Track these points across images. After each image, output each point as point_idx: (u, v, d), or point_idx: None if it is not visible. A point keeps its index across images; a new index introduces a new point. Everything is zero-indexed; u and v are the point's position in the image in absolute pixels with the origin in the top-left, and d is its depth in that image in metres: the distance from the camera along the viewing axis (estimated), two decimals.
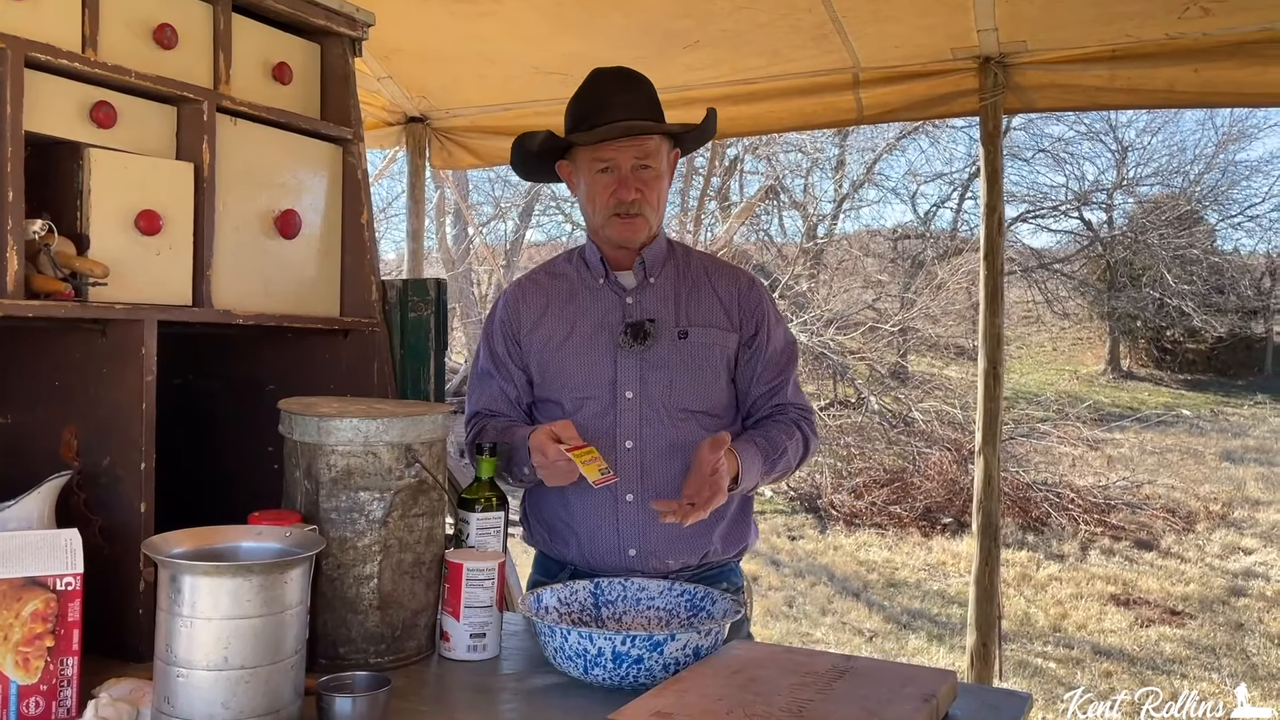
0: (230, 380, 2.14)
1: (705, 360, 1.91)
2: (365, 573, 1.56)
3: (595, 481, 1.70)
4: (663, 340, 1.89)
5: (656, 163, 1.89)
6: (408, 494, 1.59)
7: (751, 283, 2.00)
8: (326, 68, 2.06)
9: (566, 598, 1.70)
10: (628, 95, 1.89)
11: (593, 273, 1.97)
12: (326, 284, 2.02)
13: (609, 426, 1.88)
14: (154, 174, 1.67)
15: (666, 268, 1.97)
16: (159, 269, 1.67)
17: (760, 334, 1.96)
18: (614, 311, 1.93)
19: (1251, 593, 6.66)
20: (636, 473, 1.87)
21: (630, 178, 1.86)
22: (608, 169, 1.87)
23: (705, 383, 1.91)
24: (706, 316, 1.93)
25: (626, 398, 1.88)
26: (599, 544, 1.89)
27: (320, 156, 2.00)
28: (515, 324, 1.98)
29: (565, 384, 1.92)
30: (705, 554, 1.92)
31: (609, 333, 1.91)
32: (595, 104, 1.89)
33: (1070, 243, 16.77)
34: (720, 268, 2.03)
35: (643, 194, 1.87)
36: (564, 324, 1.94)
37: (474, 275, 13.70)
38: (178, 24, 1.75)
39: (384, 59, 3.61)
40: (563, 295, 1.97)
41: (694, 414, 1.90)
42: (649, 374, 1.88)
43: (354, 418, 1.54)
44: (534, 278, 2.06)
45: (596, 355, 1.91)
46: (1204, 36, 2.88)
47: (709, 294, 1.96)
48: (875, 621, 6.19)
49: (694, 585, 1.73)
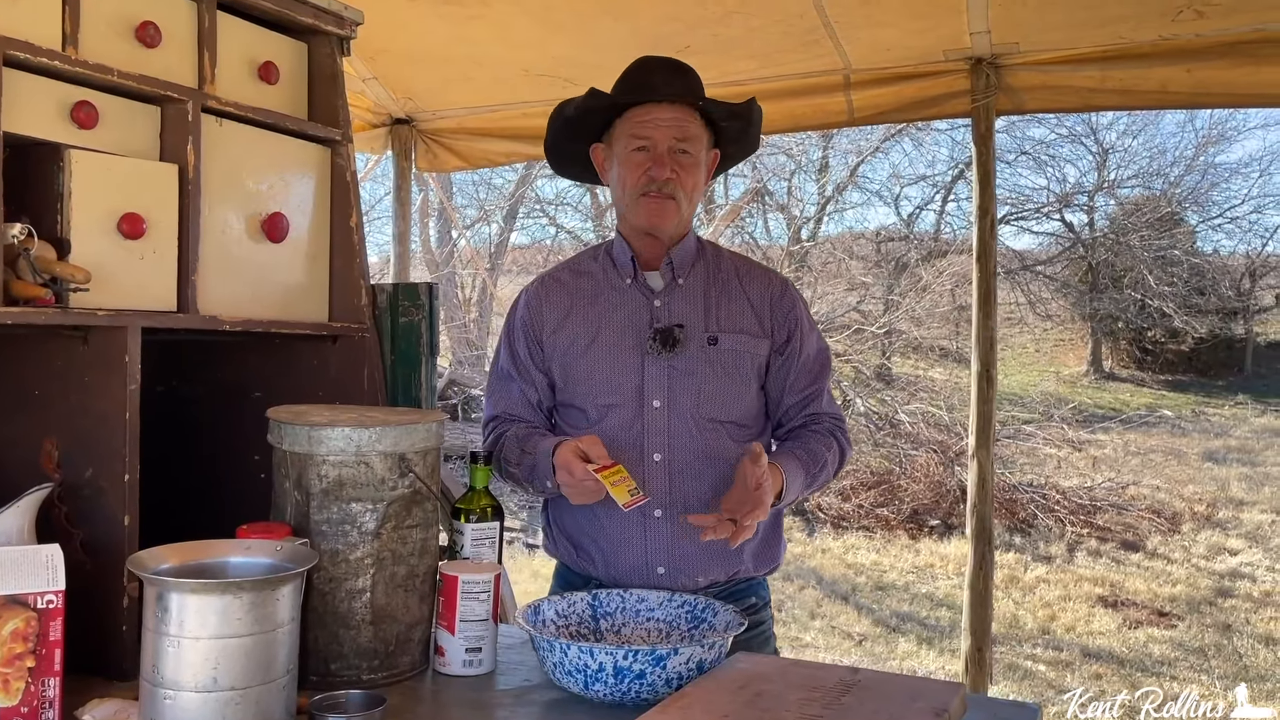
0: (216, 387, 2.09)
1: (736, 368, 1.83)
2: (358, 586, 1.51)
3: (625, 504, 1.63)
4: (691, 346, 1.81)
5: (696, 150, 1.81)
6: (401, 505, 1.54)
7: (785, 286, 1.92)
8: (314, 67, 2.01)
9: (564, 610, 1.66)
10: (673, 77, 1.82)
11: (620, 272, 1.87)
12: (315, 288, 1.97)
13: (635, 437, 1.80)
14: (137, 176, 1.62)
15: (696, 268, 1.88)
16: (142, 274, 1.62)
17: (794, 341, 1.87)
18: (641, 315, 1.84)
19: (1238, 593, 6.68)
20: (665, 487, 1.79)
21: (666, 157, 1.77)
22: (644, 147, 1.78)
23: (735, 392, 1.83)
24: (737, 322, 1.84)
25: (654, 407, 1.80)
26: (626, 561, 1.81)
27: (308, 158, 1.96)
28: (538, 325, 1.89)
29: (590, 391, 1.83)
30: (736, 571, 1.85)
31: (635, 337, 1.83)
32: (642, 81, 1.81)
33: (1052, 244, 16.86)
34: (752, 269, 1.94)
35: (678, 175, 1.78)
36: (589, 327, 1.85)
37: (458, 278, 13.64)
38: (161, 22, 1.70)
39: (370, 60, 3.56)
40: (587, 295, 1.88)
41: (723, 424, 1.82)
42: (677, 382, 1.80)
43: (346, 426, 1.50)
44: (558, 275, 1.95)
45: (623, 361, 1.82)
46: (1197, 37, 2.86)
47: (740, 298, 1.87)
48: (865, 625, 6.17)
49: (694, 596, 1.69)
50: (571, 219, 15.26)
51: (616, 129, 1.84)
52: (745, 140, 1.93)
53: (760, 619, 1.89)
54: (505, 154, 4.05)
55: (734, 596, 1.85)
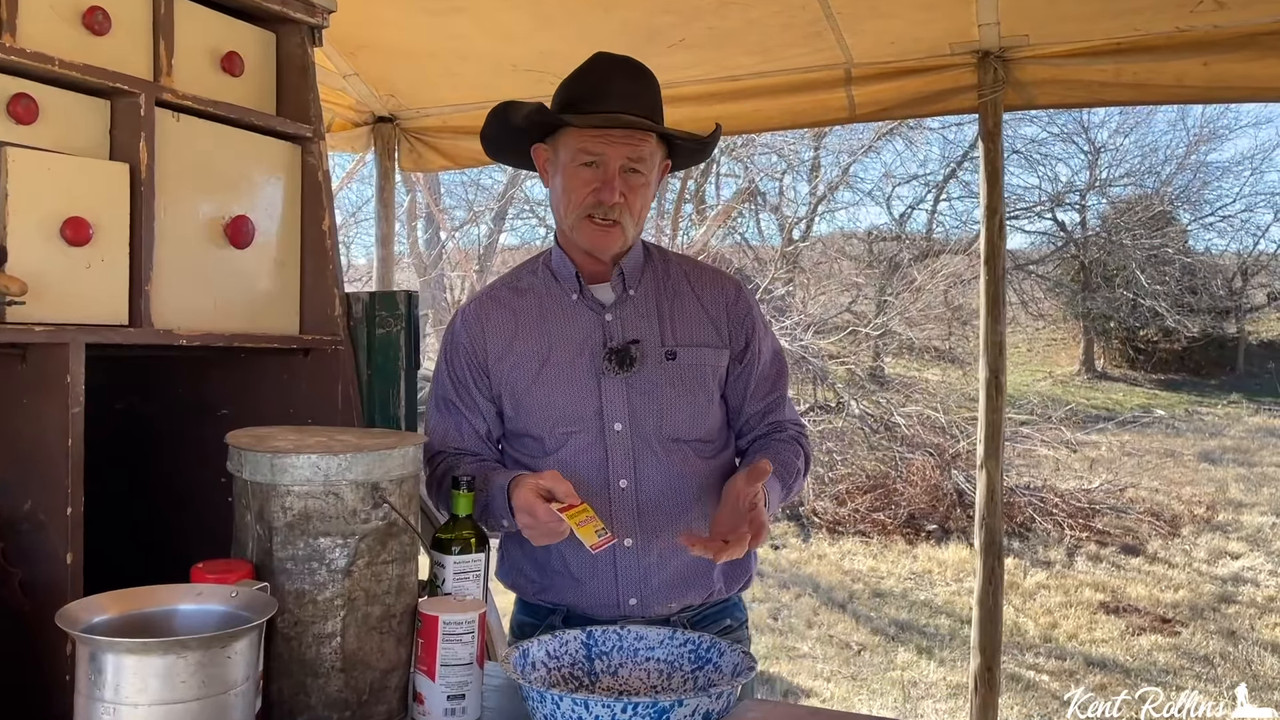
0: (179, 404, 1.94)
1: (697, 382, 1.72)
2: (326, 630, 1.36)
3: (593, 546, 1.49)
4: (649, 363, 1.70)
5: (647, 169, 1.68)
6: (375, 539, 1.39)
7: (739, 290, 1.81)
8: (283, 59, 1.87)
9: (556, 650, 1.52)
10: (632, 86, 1.67)
11: (564, 287, 1.75)
12: (284, 298, 1.82)
13: (598, 464, 1.68)
14: (83, 176, 1.47)
15: (645, 276, 1.77)
16: (89, 284, 1.47)
17: (751, 346, 1.78)
18: (593, 332, 1.72)
19: (1242, 599, 6.57)
20: (633, 515, 1.68)
21: (616, 179, 1.64)
22: (594, 163, 1.65)
23: (699, 408, 1.72)
24: (695, 333, 1.74)
25: (615, 430, 1.68)
26: (596, 594, 1.70)
27: (276, 156, 1.81)
28: (480, 350, 1.75)
29: (545, 418, 1.71)
30: (710, 594, 1.75)
31: (589, 356, 1.70)
32: (593, 88, 1.66)
33: (1044, 244, 16.78)
34: (703, 273, 1.83)
35: (626, 200, 1.65)
36: (538, 349, 1.72)
37: (446, 281, 13.48)
38: (110, 7, 1.55)
39: (350, 55, 3.41)
40: (532, 315, 1.75)
41: (688, 443, 1.72)
42: (637, 402, 1.69)
43: (312, 453, 1.35)
44: (496, 295, 1.80)
45: (578, 384, 1.69)
46: (1215, 29, 2.74)
47: (694, 305, 1.76)
48: (863, 634, 6.04)
49: (699, 634, 1.54)
50: None
51: (564, 134, 1.69)
52: (699, 156, 1.82)
53: (738, 638, 1.83)
54: None
55: (708, 620, 1.76)
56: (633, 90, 1.67)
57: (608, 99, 1.64)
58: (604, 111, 1.62)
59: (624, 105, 1.64)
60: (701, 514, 1.72)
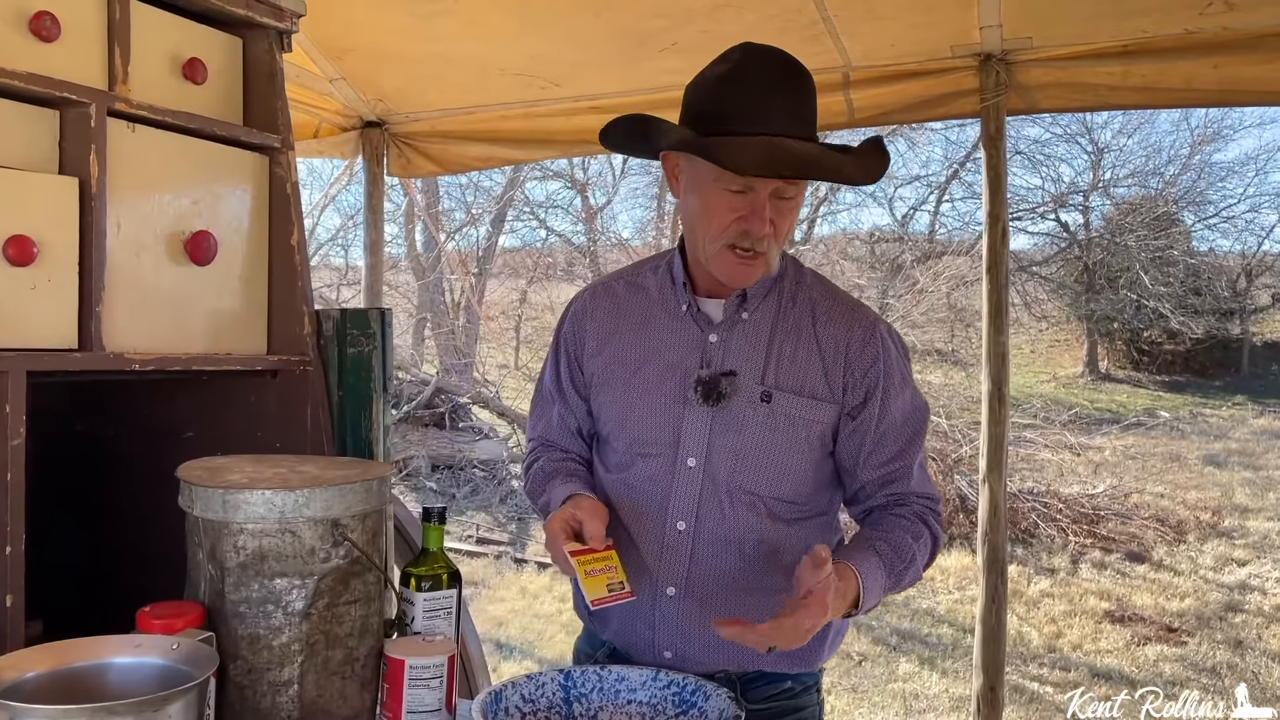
0: (143, 426, 1.86)
1: (789, 436, 1.50)
2: (283, 678, 1.28)
3: (593, 601, 1.38)
4: (740, 400, 1.49)
5: (799, 191, 1.45)
6: (336, 578, 1.31)
7: (869, 334, 1.52)
8: (250, 65, 1.78)
9: (531, 693, 1.43)
10: (793, 101, 1.40)
11: (678, 294, 1.57)
12: (250, 316, 1.73)
13: (660, 498, 1.52)
14: (26, 192, 1.39)
15: (768, 299, 1.55)
16: (33, 307, 1.39)
17: (871, 404, 1.51)
18: (691, 352, 1.53)
19: (1249, 608, 6.47)
20: (685, 562, 1.51)
21: (766, 207, 1.41)
22: (742, 190, 1.41)
23: (784, 463, 1.51)
24: (800, 378, 1.50)
25: (688, 466, 1.51)
26: (633, 639, 1.56)
27: (241, 168, 1.72)
28: (579, 344, 1.63)
29: (621, 433, 1.56)
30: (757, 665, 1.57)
31: (681, 377, 1.52)
32: (749, 104, 1.39)
33: (1047, 245, 16.69)
34: (833, 308, 1.55)
35: (775, 228, 1.43)
36: (632, 356, 1.57)
37: (445, 283, 13.39)
38: (60, 11, 1.46)
39: (336, 59, 3.32)
40: (636, 318, 1.59)
41: (761, 498, 1.51)
42: (718, 440, 1.50)
43: (266, 489, 1.26)
44: (610, 287, 1.65)
45: (662, 405, 1.53)
46: (1224, 30, 2.65)
47: (809, 345, 1.52)
48: (864, 644, 5.95)
49: (683, 676, 1.45)
50: (562, 222, 15.04)
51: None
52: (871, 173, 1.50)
53: (797, 705, 1.60)
54: (482, 158, 3.81)
55: (761, 680, 1.57)
56: (795, 108, 1.40)
57: (769, 117, 1.38)
58: (763, 134, 1.37)
59: (790, 126, 1.38)
60: (762, 579, 1.52)
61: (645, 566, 1.53)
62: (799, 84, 1.43)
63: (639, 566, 1.53)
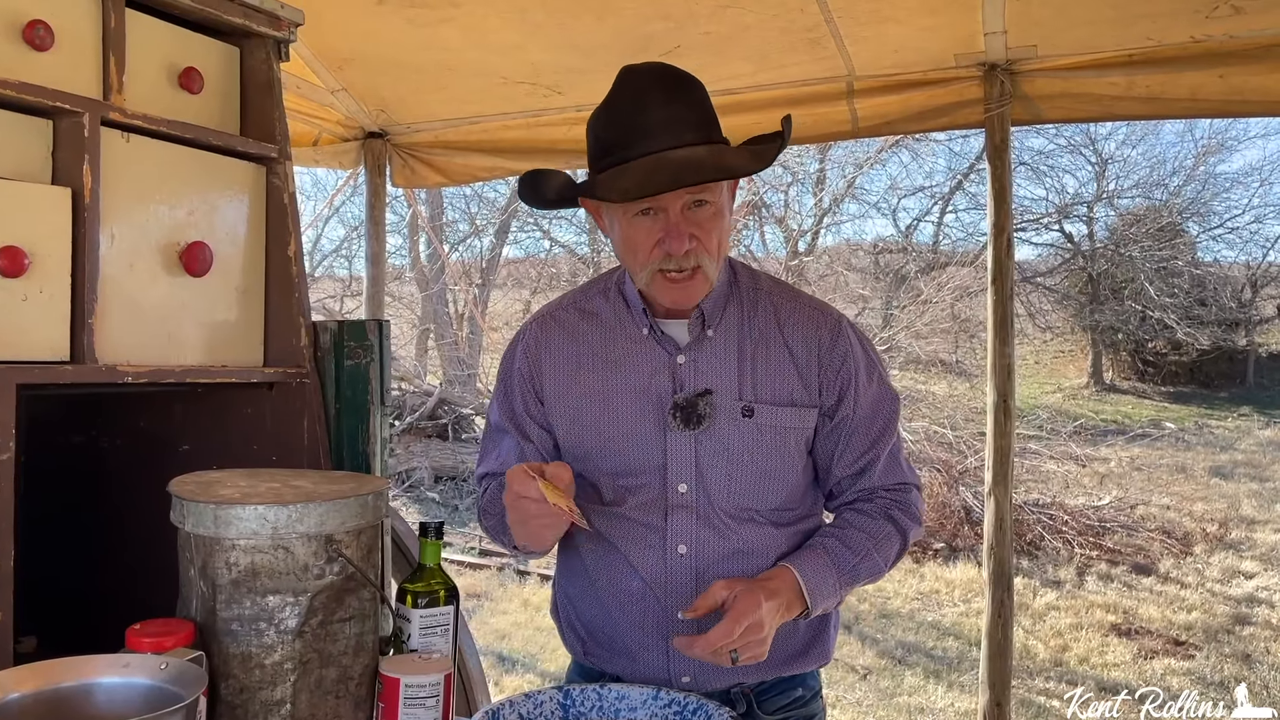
0: (139, 438, 1.83)
1: (776, 447, 1.49)
2: (275, 697, 1.25)
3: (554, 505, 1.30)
4: (721, 419, 1.47)
5: (715, 195, 1.41)
6: (330, 595, 1.28)
7: (836, 334, 1.52)
8: (247, 74, 1.76)
9: (530, 713, 1.40)
10: (673, 110, 1.39)
11: (635, 318, 1.53)
12: (246, 328, 1.71)
13: (657, 526, 1.50)
14: (19, 202, 1.37)
15: (728, 312, 1.53)
16: (24, 318, 1.37)
17: (845, 403, 1.51)
18: (661, 375, 1.50)
19: (1257, 620, 6.41)
20: (691, 584, 1.48)
21: (681, 222, 1.39)
22: (650, 210, 1.40)
23: (775, 475, 1.50)
24: (778, 388, 1.49)
25: (679, 492, 1.49)
26: (648, 667, 1.53)
27: (238, 178, 1.70)
28: (537, 379, 1.56)
29: (602, 469, 1.52)
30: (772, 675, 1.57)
31: (656, 403, 1.49)
32: (628, 126, 1.38)
33: (1052, 255, 16.67)
34: (796, 311, 1.54)
35: (699, 241, 1.41)
36: (599, 387, 1.52)
37: (449, 294, 13.39)
38: (54, 21, 1.45)
39: (337, 70, 3.31)
40: (596, 346, 1.54)
41: (759, 511, 1.51)
42: (706, 463, 1.48)
43: (259, 504, 1.24)
44: (559, 317, 1.59)
45: (642, 434, 1.49)
46: (1230, 39, 2.63)
47: (780, 353, 1.51)
48: (869, 657, 5.90)
49: (684, 695, 1.42)
50: (566, 232, 15.04)
51: None
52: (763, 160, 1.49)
53: (808, 713, 1.62)
54: (488, 169, 3.79)
55: (775, 691, 1.58)
56: (673, 115, 1.38)
57: (649, 135, 1.36)
58: (641, 154, 1.36)
59: (668, 137, 1.37)
60: None
61: (650, 593, 1.51)
62: (675, 93, 1.41)
63: (642, 593, 1.52)
